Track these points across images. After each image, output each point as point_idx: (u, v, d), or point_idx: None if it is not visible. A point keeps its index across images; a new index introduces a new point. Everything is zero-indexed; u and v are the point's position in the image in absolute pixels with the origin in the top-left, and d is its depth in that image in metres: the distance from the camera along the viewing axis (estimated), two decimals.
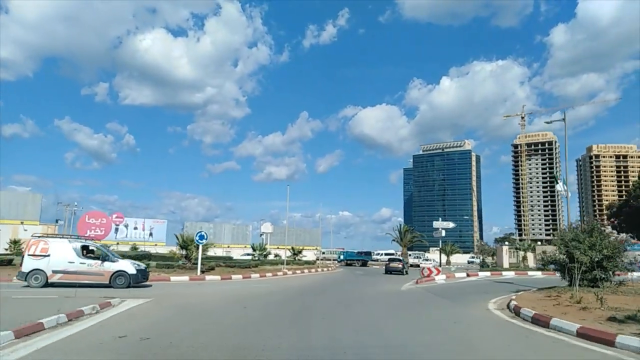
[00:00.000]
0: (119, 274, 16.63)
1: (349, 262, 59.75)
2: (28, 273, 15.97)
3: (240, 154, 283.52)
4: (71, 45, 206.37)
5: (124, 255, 38.80)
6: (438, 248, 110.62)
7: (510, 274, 32.48)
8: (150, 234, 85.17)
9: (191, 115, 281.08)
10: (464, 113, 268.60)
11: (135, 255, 35.51)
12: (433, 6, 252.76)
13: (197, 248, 26.14)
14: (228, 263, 32.11)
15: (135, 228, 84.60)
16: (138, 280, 17.01)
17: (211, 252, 70.26)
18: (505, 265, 55.51)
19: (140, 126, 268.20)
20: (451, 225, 28.75)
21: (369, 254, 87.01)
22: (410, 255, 64.68)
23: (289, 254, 50.93)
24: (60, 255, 16.32)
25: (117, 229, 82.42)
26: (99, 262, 16.59)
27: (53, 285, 16.28)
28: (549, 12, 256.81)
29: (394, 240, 66.90)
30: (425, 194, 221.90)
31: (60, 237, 17.43)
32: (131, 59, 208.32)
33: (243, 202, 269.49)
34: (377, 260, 79.99)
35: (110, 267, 16.66)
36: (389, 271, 37.23)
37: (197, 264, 26.06)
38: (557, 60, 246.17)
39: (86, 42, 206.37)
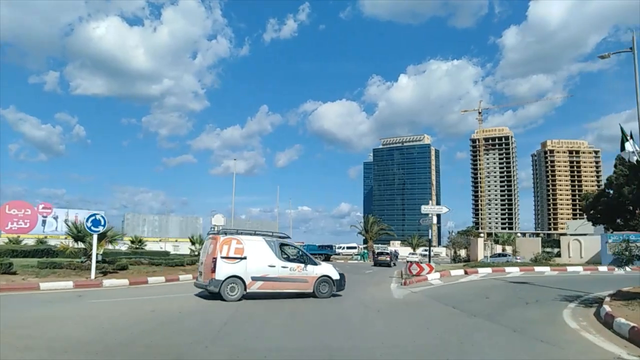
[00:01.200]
0: (323, 279, 13.90)
1: None
2: (223, 281, 12.24)
3: (198, 147, 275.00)
4: (17, 30, 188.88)
5: (24, 251, 30.28)
6: (401, 241, 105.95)
7: (514, 270, 26.18)
8: None
9: (147, 107, 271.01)
10: (421, 110, 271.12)
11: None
12: (393, 5, 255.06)
13: (103, 240, 18.15)
14: (155, 260, 24.23)
15: (67, 220, 73.89)
16: (341, 287, 14.37)
17: (157, 247, 61.89)
18: (480, 258, 50.24)
19: (92, 117, 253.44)
20: (444, 209, 22.06)
21: (331, 247, 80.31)
22: (377, 249, 58.61)
23: None
24: (259, 258, 13.00)
25: (44, 221, 71.67)
26: (302, 265, 13.67)
27: (252, 297, 12.67)
28: (502, 14, 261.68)
29: (359, 232, 60.59)
30: (385, 188, 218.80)
31: (251, 234, 13.68)
32: (84, 47, 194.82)
33: (199, 196, 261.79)
34: (339, 254, 74.16)
35: (314, 271, 13.87)
36: (377, 264, 39.96)
37: (102, 262, 18.22)
38: (509, 61, 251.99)
39: (34, 28, 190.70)
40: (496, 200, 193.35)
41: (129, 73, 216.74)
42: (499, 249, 51.19)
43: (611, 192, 55.12)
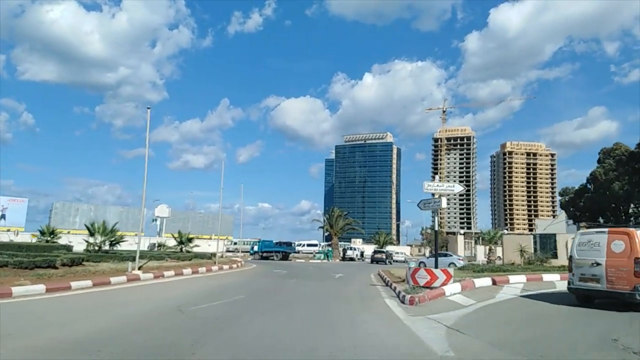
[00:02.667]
0: None
1: (265, 254, 44.62)
2: None
3: (155, 140, 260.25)
4: None
5: None
6: (363, 239, 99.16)
7: (554, 279, 18.16)
8: (3, 216, 63.01)
9: (101, 96, 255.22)
10: (384, 110, 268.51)
11: None
12: (359, 5, 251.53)
13: None
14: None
15: None
16: None
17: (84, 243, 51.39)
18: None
19: (42, 104, 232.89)
20: (458, 188, 14.40)
21: (290, 244, 72.10)
22: (343, 247, 51.19)
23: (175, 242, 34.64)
24: None
25: None
26: None
27: None
28: (464, 19, 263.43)
29: (321, 227, 52.83)
30: (346, 186, 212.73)
31: None
32: (34, 30, 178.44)
33: (157, 190, 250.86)
34: (299, 252, 66.42)
35: None
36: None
37: None
38: (470, 65, 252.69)
39: None
40: (455, 200, 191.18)
41: (83, 59, 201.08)
42: (480, 249, 44.63)
43: (591, 187, 50.29)
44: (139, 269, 17.10)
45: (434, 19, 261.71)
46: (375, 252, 46.64)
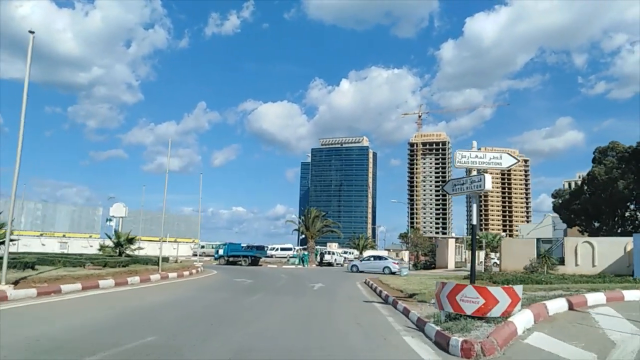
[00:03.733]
0: None
1: (232, 259, 38.59)
2: None
3: (129, 142, 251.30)
4: None
5: None
6: (339, 244, 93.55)
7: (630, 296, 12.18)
8: None
9: (74, 96, 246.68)
10: (360, 116, 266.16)
11: None
12: (338, 10, 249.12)
13: None
14: None
15: None
16: None
17: (35, 246, 43.71)
18: (451, 265, 38.51)
19: (10, 103, 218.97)
20: (508, 161, 9.03)
21: (262, 248, 65.81)
22: (320, 251, 45.62)
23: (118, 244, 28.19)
24: None
25: None
26: None
27: None
28: (441, 27, 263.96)
29: (296, 229, 47.10)
30: (321, 189, 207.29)
31: None
32: (4, 26, 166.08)
33: (129, 193, 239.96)
34: (271, 256, 60.40)
35: None
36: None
37: None
38: (445, 73, 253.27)
39: None
40: (431, 204, 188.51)
41: (55, 58, 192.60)
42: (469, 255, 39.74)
43: (588, 188, 46.35)
44: (15, 283, 10.99)
45: (412, 26, 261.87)
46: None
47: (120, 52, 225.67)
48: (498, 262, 34.72)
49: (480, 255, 33.87)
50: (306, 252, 42.04)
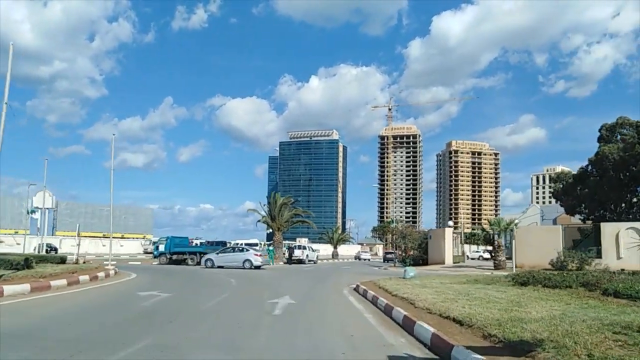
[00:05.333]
0: None
1: (175, 257, 29.87)
2: None
3: (92, 138, 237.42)
4: None
5: None
6: (309, 239, 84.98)
7: None
8: None
9: (33, 90, 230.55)
10: (329, 113, 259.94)
11: None
12: (307, 6, 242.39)
13: None
14: None
15: None
16: None
17: None
18: (449, 260, 31.17)
19: None
20: None
21: (222, 243, 56.94)
22: (289, 246, 37.54)
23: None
24: None
25: None
26: None
27: None
28: (409, 25, 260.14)
29: (260, 220, 38.62)
30: (290, 184, 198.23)
31: None
32: None
33: (91, 191, 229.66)
34: None
35: None
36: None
37: None
38: (412, 71, 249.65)
39: None
40: (402, 198, 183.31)
41: (13, 50, 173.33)
42: (467, 247, 32.34)
43: (594, 171, 40.15)
44: None
45: (380, 25, 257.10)
46: (386, 253, 41.58)
47: (83, 45, 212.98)
48: (510, 255, 27.51)
49: (460, 247, 26.62)
50: (271, 247, 33.63)
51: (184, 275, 19.76)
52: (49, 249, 48.31)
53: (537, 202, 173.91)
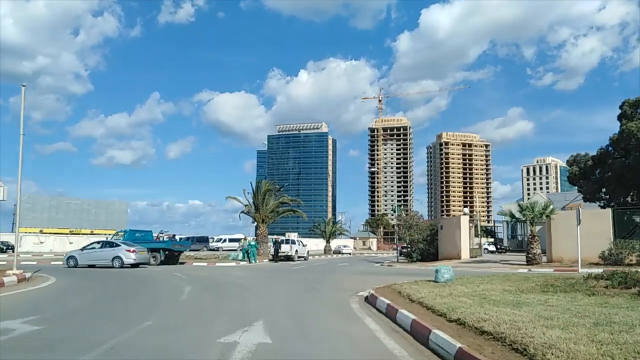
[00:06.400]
0: None
1: None
2: None
3: (78, 135, 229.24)
4: None
5: None
6: (298, 234, 79.36)
7: None
8: None
9: (16, 86, 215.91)
10: (319, 107, 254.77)
11: None
12: (295, 0, 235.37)
13: None
14: None
15: None
16: None
17: None
18: (465, 254, 26.14)
19: None
20: None
21: (204, 239, 51.38)
22: (275, 240, 32.30)
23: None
24: None
25: None
26: None
27: None
28: (398, 19, 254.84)
29: (243, 211, 33.16)
30: (279, 178, 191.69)
31: None
32: None
33: (77, 188, 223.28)
34: (217, 249, 46.56)
35: None
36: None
37: None
38: (401, 65, 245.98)
39: None
40: (392, 191, 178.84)
41: None
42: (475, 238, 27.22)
43: (616, 152, 35.50)
44: None
45: (369, 18, 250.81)
46: (402, 247, 32.36)
47: (68, 40, 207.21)
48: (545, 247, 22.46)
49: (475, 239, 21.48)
50: (254, 242, 28.12)
51: (132, 280, 14.28)
52: (4, 247, 42.35)
53: (529, 194, 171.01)
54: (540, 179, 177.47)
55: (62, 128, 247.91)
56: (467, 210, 32.01)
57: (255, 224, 33.63)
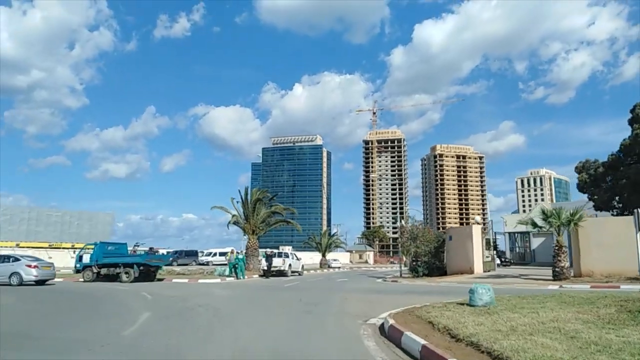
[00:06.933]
0: None
1: (104, 271, 21.11)
2: None
3: (73, 148, 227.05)
4: None
5: None
6: (292, 247, 75.72)
7: None
8: None
9: (11, 100, 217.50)
10: (313, 120, 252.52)
11: None
12: (291, 15, 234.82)
13: None
14: None
15: None
16: None
17: None
18: (478, 269, 23.25)
19: None
20: None
21: (193, 253, 48.08)
22: (266, 253, 29.38)
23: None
24: None
25: None
26: None
27: None
28: (392, 34, 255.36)
29: (230, 221, 30.15)
30: (273, 191, 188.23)
31: None
32: None
33: (71, 202, 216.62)
34: (207, 263, 43.38)
35: None
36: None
37: None
38: (395, 79, 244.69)
39: None
40: (387, 203, 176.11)
41: None
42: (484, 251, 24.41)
43: (627, 159, 33.05)
44: None
45: (363, 33, 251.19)
46: (413, 260, 27.30)
47: (63, 54, 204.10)
48: (569, 258, 19.67)
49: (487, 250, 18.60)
50: (242, 256, 25.07)
51: (76, 306, 11.23)
52: None
53: (524, 205, 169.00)
54: (535, 190, 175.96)
55: (56, 142, 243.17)
56: (479, 218, 29.04)
57: (245, 235, 30.59)
